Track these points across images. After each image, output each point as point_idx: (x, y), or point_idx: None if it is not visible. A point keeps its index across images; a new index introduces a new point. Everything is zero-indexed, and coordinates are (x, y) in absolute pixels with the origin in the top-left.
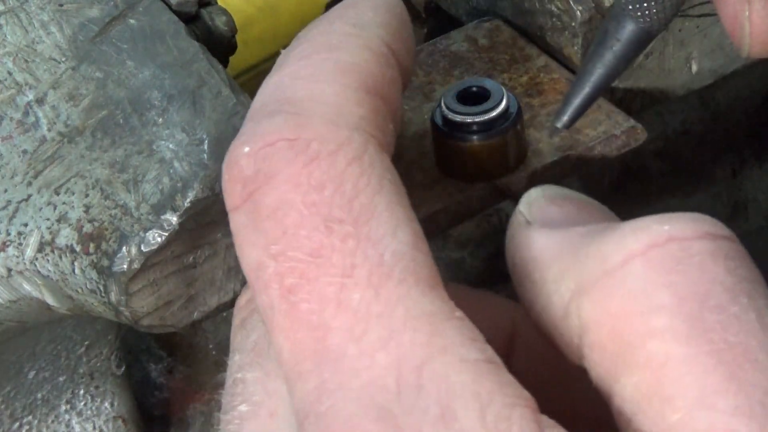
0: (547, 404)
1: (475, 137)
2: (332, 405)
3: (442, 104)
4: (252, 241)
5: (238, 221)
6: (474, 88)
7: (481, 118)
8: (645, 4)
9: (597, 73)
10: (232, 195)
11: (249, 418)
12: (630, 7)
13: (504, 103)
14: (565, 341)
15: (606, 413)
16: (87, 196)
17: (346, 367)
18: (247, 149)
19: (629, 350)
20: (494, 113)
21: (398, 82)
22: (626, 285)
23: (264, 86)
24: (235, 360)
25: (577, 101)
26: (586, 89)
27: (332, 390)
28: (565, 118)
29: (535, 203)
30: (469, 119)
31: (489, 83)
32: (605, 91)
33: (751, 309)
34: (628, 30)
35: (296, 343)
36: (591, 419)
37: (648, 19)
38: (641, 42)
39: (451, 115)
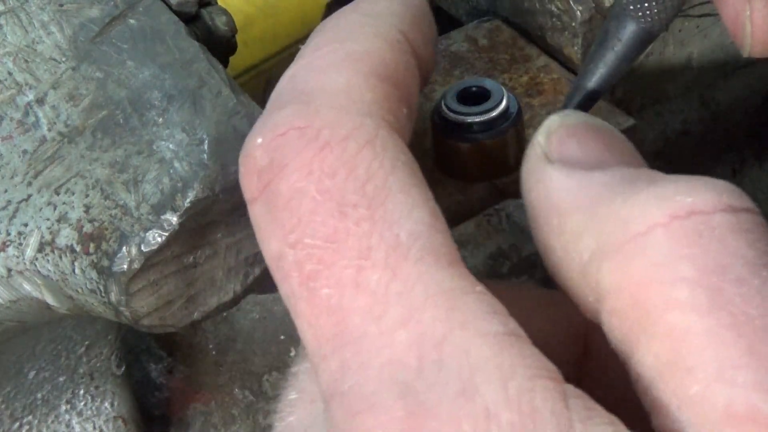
0: (624, 413)
1: (475, 137)
2: (355, 384)
3: (442, 104)
4: (271, 231)
5: (256, 213)
6: (474, 88)
7: (481, 118)
8: (646, 4)
9: (598, 73)
10: (249, 187)
11: (295, 405)
12: (631, 7)
13: (504, 103)
14: (581, 298)
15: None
16: (87, 196)
17: (367, 347)
18: (259, 140)
19: (650, 320)
20: (494, 113)
21: (414, 68)
22: (648, 254)
23: (280, 80)
24: (291, 354)
25: (578, 101)
26: (587, 90)
27: (354, 369)
28: None
29: (555, 135)
30: (469, 119)
31: (489, 83)
32: (606, 91)
33: None
34: (629, 30)
35: (318, 328)
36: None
37: (649, 19)
38: (642, 42)
39: (451, 116)
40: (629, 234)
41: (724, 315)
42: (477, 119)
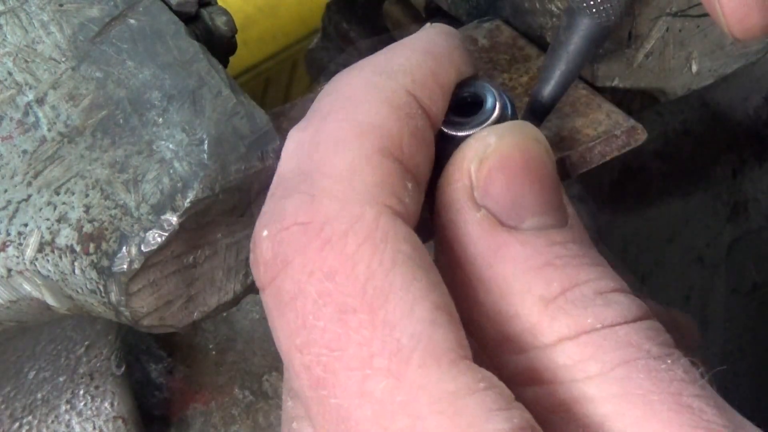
0: None
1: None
2: None
3: None
4: (280, 326)
5: (266, 302)
6: (468, 98)
7: (476, 131)
8: (598, 0)
9: (559, 70)
10: (257, 276)
11: None
12: (584, 3)
13: (497, 111)
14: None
15: None
16: (87, 196)
17: None
18: (265, 233)
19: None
20: (489, 122)
21: (423, 130)
22: (559, 361)
23: (288, 142)
24: (287, 406)
25: (530, 111)
26: (542, 99)
27: None
28: (531, 115)
29: (486, 165)
30: (462, 133)
31: (483, 88)
32: (569, 87)
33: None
34: (583, 25)
35: None
36: None
37: (603, 15)
38: (597, 37)
39: (445, 130)
40: (538, 343)
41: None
42: (472, 131)
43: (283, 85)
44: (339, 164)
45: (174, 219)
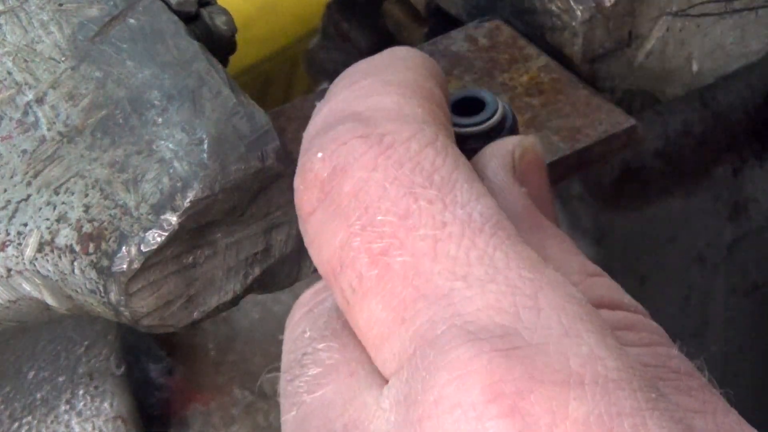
0: None
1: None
2: (450, 325)
3: None
4: (331, 231)
5: (313, 223)
6: (469, 100)
7: (477, 129)
8: None
9: None
10: (309, 199)
11: (324, 377)
12: None
13: (498, 113)
14: None
15: None
16: (87, 195)
17: (458, 299)
18: (320, 154)
19: None
20: (489, 123)
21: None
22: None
23: (316, 115)
24: (305, 336)
25: None
26: None
27: (448, 317)
28: None
29: (525, 159)
30: (463, 131)
31: (483, 93)
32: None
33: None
34: None
35: (393, 297)
36: None
37: None
38: None
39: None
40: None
41: None
42: (472, 130)
43: (283, 85)
44: (385, 102)
45: (174, 219)
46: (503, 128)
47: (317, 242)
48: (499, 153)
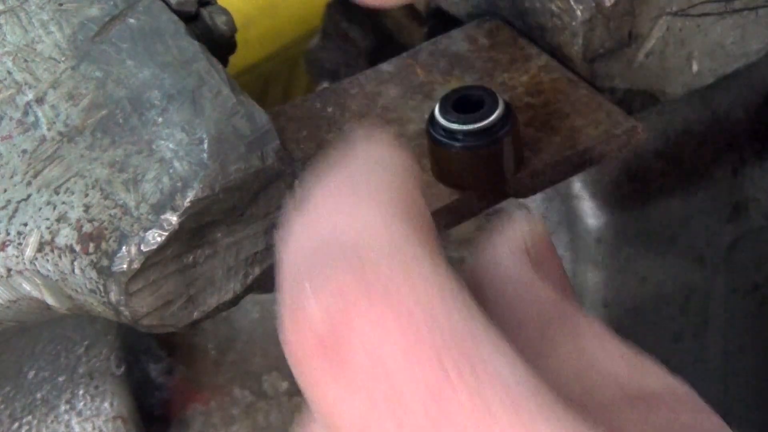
0: None
1: (469, 146)
2: None
3: (436, 113)
4: (341, 398)
5: (315, 379)
6: (468, 96)
7: (475, 126)
8: None
9: None
10: (302, 347)
11: None
12: None
13: (498, 110)
14: None
15: None
16: (87, 195)
17: None
18: (314, 302)
19: None
20: (488, 121)
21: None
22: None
23: (295, 231)
24: None
25: None
26: None
27: None
28: None
29: (538, 246)
30: (463, 128)
31: (483, 90)
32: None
33: None
34: None
35: None
36: None
37: None
38: None
39: (445, 125)
40: None
41: None
42: (471, 127)
43: (283, 85)
44: (375, 226)
45: (174, 219)
46: (503, 125)
47: (324, 406)
48: (511, 248)
